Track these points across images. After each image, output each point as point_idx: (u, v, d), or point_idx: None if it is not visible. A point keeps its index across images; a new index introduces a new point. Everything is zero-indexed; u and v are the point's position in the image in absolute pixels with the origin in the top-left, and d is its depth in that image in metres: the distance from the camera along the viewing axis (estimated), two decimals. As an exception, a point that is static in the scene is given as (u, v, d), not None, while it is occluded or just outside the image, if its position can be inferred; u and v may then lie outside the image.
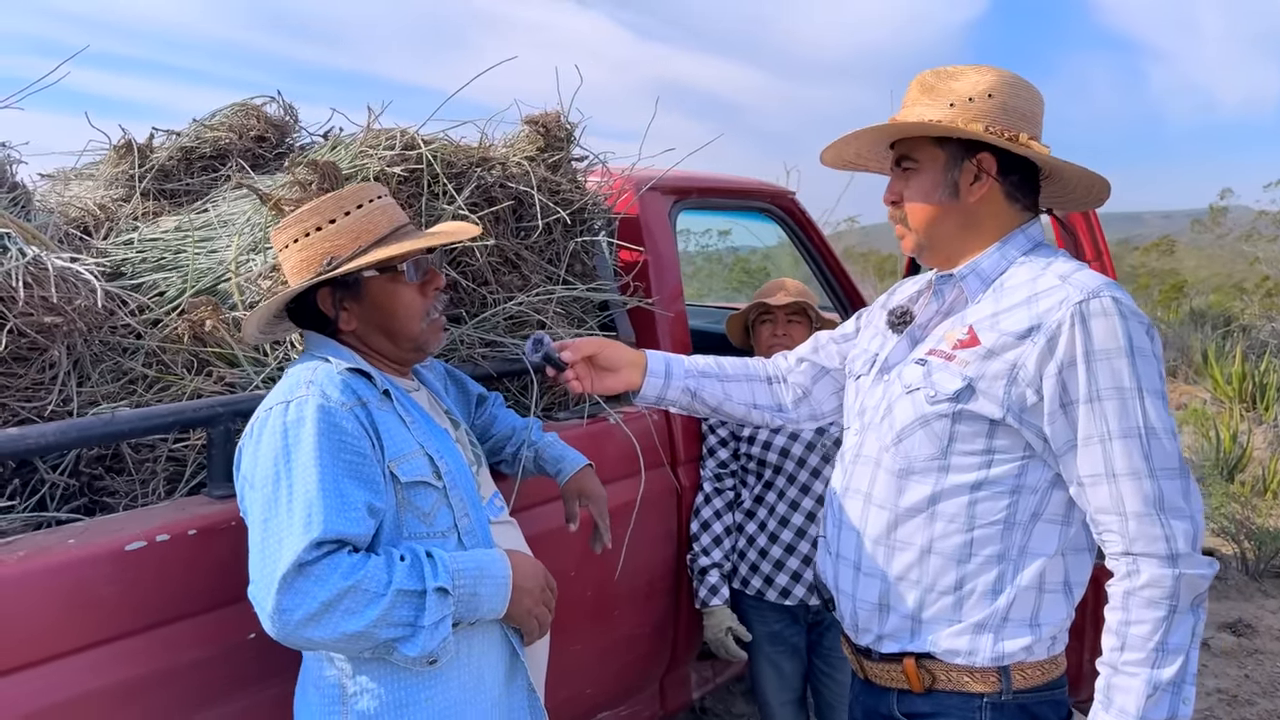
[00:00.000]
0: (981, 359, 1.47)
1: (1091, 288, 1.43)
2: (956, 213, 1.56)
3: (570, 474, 1.95)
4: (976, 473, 1.50)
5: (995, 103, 1.51)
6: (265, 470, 1.39)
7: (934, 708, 1.56)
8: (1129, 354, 1.39)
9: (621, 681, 2.51)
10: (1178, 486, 1.39)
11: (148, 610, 1.53)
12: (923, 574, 1.54)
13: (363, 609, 1.32)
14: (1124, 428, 1.39)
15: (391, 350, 1.62)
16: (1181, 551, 1.38)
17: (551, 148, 2.44)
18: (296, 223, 1.55)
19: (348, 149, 2.14)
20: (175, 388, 1.82)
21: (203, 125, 2.80)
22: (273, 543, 1.35)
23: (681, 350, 2.68)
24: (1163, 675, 1.38)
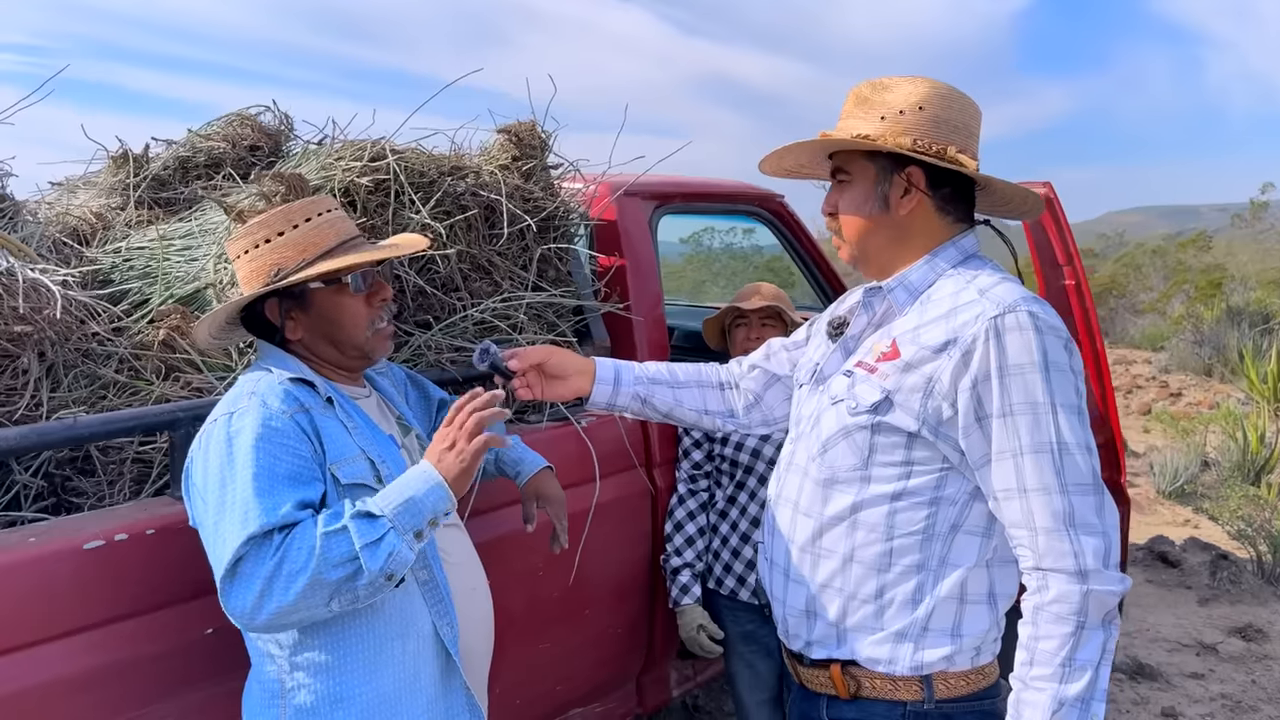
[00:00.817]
0: (900, 372, 1.49)
1: (1008, 302, 1.43)
2: (887, 225, 1.57)
3: (529, 475, 2.00)
4: (896, 484, 1.51)
5: (925, 115, 1.51)
6: (212, 479, 1.46)
7: (860, 714, 1.57)
8: (1042, 369, 1.39)
9: (593, 679, 2.56)
10: (1090, 502, 1.39)
11: (105, 605, 1.60)
12: (845, 582, 1.55)
13: (302, 565, 1.37)
14: (1035, 443, 1.39)
15: (338, 358, 1.68)
16: (1090, 568, 1.37)
17: (525, 156, 2.49)
18: (247, 235, 1.61)
19: (317, 160, 2.21)
20: (144, 393, 1.90)
21: (198, 135, 2.89)
22: (219, 545, 1.42)
23: (659, 356, 2.72)
24: (1069, 691, 1.37)
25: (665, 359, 2.73)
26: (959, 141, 1.52)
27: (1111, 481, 2.52)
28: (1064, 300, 2.49)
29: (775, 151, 1.67)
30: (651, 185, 2.83)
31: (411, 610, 1.57)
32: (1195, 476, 6.78)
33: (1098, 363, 2.49)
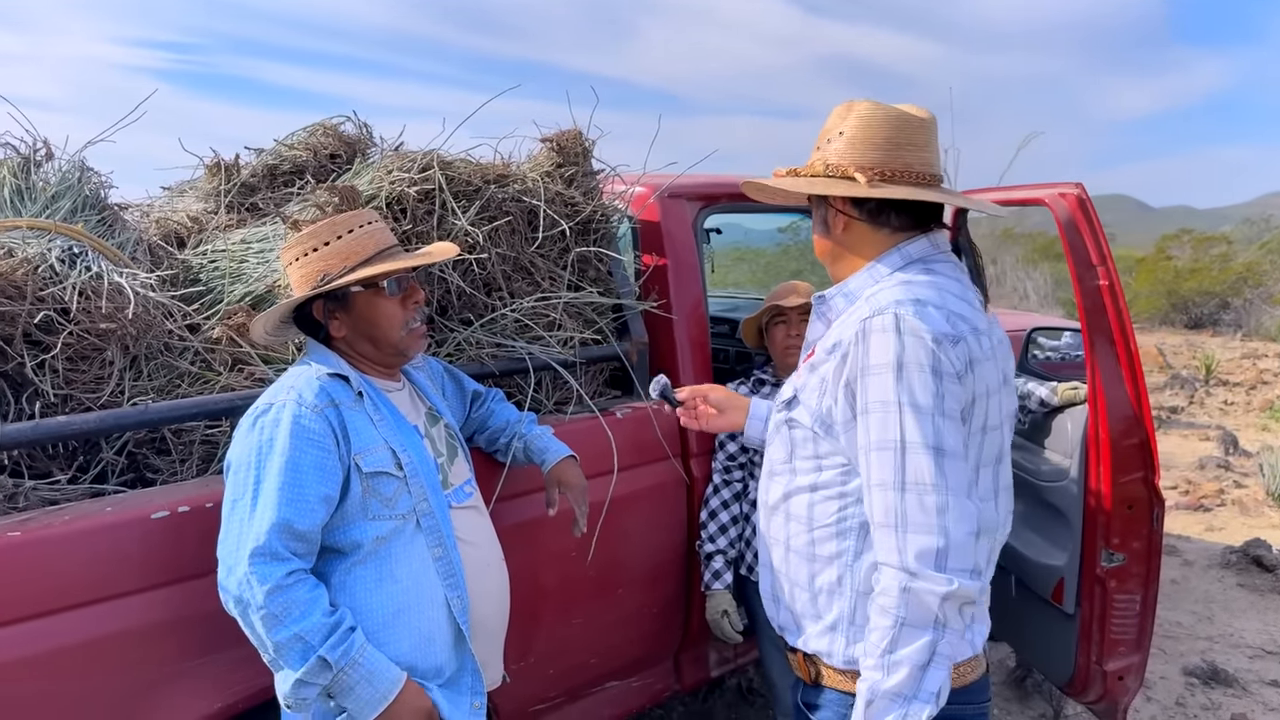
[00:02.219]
0: (808, 372, 1.63)
1: (880, 305, 1.51)
2: (832, 245, 1.70)
3: (552, 464, 2.17)
4: (811, 476, 1.63)
5: (844, 139, 1.61)
6: (243, 460, 1.68)
7: (819, 700, 1.69)
8: (895, 369, 1.45)
9: (628, 655, 2.72)
10: (929, 502, 1.42)
11: (167, 568, 1.85)
12: (787, 568, 1.69)
13: (275, 626, 1.58)
14: (880, 440, 1.46)
15: (375, 354, 1.89)
16: (911, 566, 1.41)
17: (568, 163, 2.65)
18: (299, 244, 1.83)
19: (371, 172, 2.42)
20: (212, 382, 2.15)
21: (283, 145, 3.16)
22: (235, 522, 1.64)
23: (699, 355, 2.84)
24: (885, 684, 1.42)
25: (706, 358, 2.86)
26: (874, 159, 1.59)
27: (1144, 481, 2.53)
28: (1099, 300, 2.50)
29: (747, 185, 1.84)
30: (696, 186, 2.95)
31: (426, 583, 1.77)
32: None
33: (1131, 363, 2.50)
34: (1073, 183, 2.51)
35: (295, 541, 1.64)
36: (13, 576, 1.69)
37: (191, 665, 1.87)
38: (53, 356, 1.94)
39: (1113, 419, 2.48)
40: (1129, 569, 2.56)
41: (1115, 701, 2.66)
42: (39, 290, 1.93)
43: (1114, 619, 2.58)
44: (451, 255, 1.94)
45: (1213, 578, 5.06)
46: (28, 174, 2.37)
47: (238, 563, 1.60)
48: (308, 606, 1.61)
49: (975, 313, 1.57)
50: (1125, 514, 2.53)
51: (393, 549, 1.75)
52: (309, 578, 1.64)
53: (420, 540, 1.78)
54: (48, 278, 1.97)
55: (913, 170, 1.59)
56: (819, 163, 1.63)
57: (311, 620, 1.60)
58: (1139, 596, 2.59)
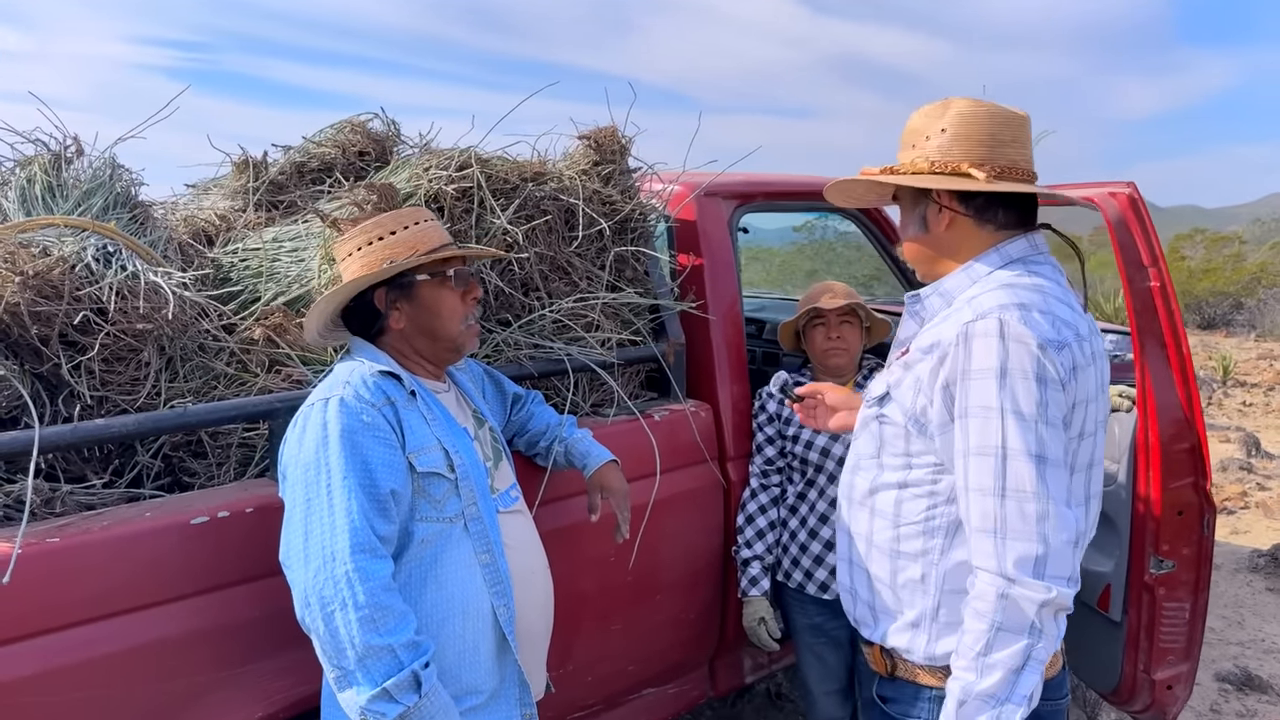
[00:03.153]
0: (903, 369, 1.61)
1: (984, 309, 1.49)
2: (930, 244, 1.67)
3: (595, 468, 2.13)
4: (900, 473, 1.62)
5: (948, 136, 1.59)
6: (307, 457, 1.62)
7: (894, 694, 1.71)
8: (998, 375, 1.44)
9: (665, 661, 2.67)
10: (1029, 510, 1.42)
11: (209, 575, 1.81)
12: (869, 562, 1.69)
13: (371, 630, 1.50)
14: (980, 445, 1.45)
15: (431, 349, 1.84)
16: (1010, 573, 1.41)
17: (605, 160, 2.60)
18: (361, 234, 1.80)
19: (409, 169, 2.38)
20: (249, 384, 2.10)
21: (311, 142, 3.11)
22: (316, 521, 1.57)
23: (735, 355, 2.79)
24: (977, 686, 1.43)
25: (742, 358, 2.81)
26: (979, 155, 1.58)
27: (1195, 487, 2.47)
28: (1150, 302, 2.45)
29: (833, 185, 1.79)
30: (732, 184, 2.90)
31: (472, 590, 1.72)
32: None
33: (1183, 366, 2.45)
34: (1124, 182, 2.46)
35: (382, 541, 1.59)
36: (52, 583, 1.65)
37: (232, 674, 1.83)
38: (89, 358, 1.90)
39: (1163, 423, 2.43)
40: (1178, 576, 2.51)
41: (1164, 711, 2.61)
42: (75, 290, 1.89)
43: (1163, 627, 2.53)
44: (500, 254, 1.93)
45: (1241, 581, 5.00)
46: (59, 171, 2.32)
47: (333, 560, 1.53)
48: (403, 619, 1.55)
49: (1078, 317, 1.55)
50: (1175, 520, 2.48)
51: (439, 553, 1.70)
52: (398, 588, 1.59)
53: (467, 545, 1.73)
54: (84, 277, 1.93)
55: (1018, 167, 1.58)
56: (920, 160, 1.61)
57: (405, 635, 1.54)
58: (1189, 604, 2.54)
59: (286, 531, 1.62)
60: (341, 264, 1.79)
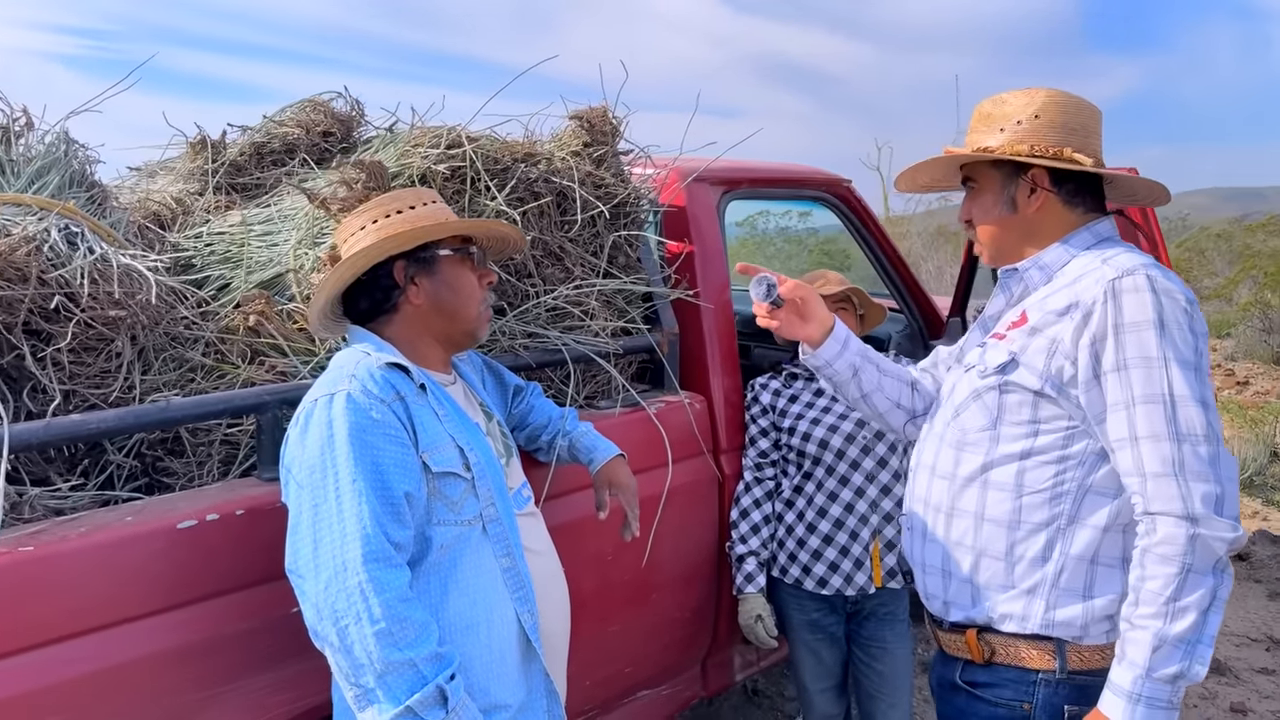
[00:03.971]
0: (1026, 335, 1.62)
1: (1127, 266, 1.53)
2: (1017, 224, 1.71)
3: (601, 463, 2.02)
4: (1024, 442, 1.61)
5: (1042, 122, 1.65)
6: (312, 459, 1.48)
7: (991, 679, 1.67)
8: (1157, 326, 1.47)
9: (661, 662, 2.58)
10: (1202, 452, 1.45)
11: (197, 584, 1.65)
12: (977, 539, 1.66)
13: (390, 645, 1.38)
14: (1147, 394, 1.47)
15: (447, 332, 1.72)
16: (1198, 513, 1.43)
17: (596, 142, 2.49)
18: (378, 207, 1.68)
19: (395, 148, 2.24)
20: (230, 376, 1.94)
21: (272, 121, 2.93)
22: (325, 528, 1.44)
23: (727, 343, 2.72)
24: (1172, 630, 1.43)
25: (734, 348, 2.73)
26: (1075, 142, 1.66)
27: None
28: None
29: (907, 170, 1.82)
30: (720, 170, 2.82)
31: (495, 597, 1.60)
32: (1265, 468, 6.61)
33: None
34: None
35: (397, 548, 1.46)
36: (26, 596, 1.48)
37: (224, 690, 1.68)
38: (56, 349, 1.72)
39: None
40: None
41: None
42: (42, 273, 1.71)
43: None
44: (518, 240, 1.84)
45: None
46: (8, 146, 2.12)
47: (345, 570, 1.40)
48: (424, 631, 1.43)
49: None
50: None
51: (458, 558, 1.58)
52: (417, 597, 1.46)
53: (486, 548, 1.61)
54: (50, 260, 1.75)
55: (1100, 158, 1.65)
56: (1018, 143, 1.65)
57: (427, 648, 1.42)
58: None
59: (294, 539, 1.48)
60: (352, 238, 1.66)
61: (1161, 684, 1.44)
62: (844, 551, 2.50)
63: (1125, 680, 1.46)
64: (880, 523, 2.52)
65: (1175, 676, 1.43)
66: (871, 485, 2.51)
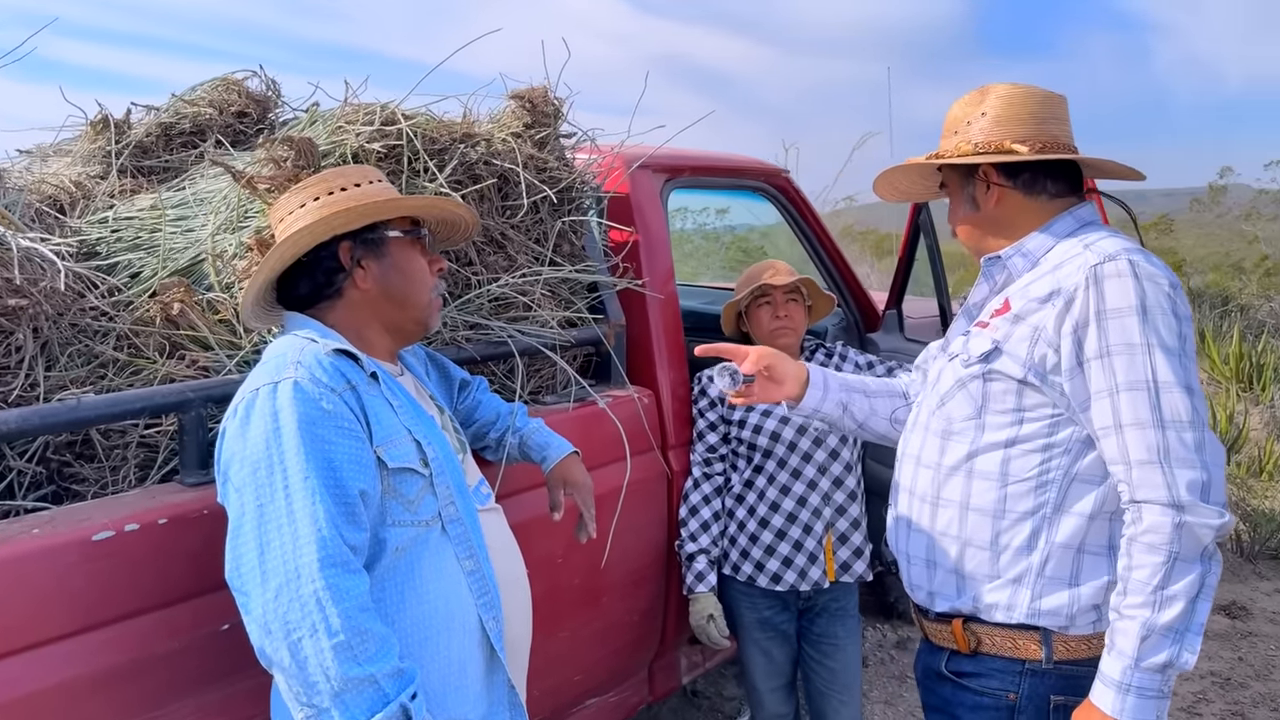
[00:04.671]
0: (1009, 323, 1.58)
1: (1110, 252, 1.50)
2: (982, 221, 1.70)
3: (555, 461, 1.91)
4: (1008, 430, 1.58)
5: (989, 119, 1.65)
6: (256, 454, 1.33)
7: (977, 668, 1.65)
8: (1139, 312, 1.45)
9: (610, 668, 2.48)
10: (1187, 438, 1.42)
11: (116, 601, 1.48)
12: (962, 529, 1.63)
13: (349, 659, 1.25)
14: (1130, 380, 1.45)
15: (397, 320, 1.59)
16: (1184, 500, 1.40)
17: (538, 124, 2.37)
18: (320, 183, 1.54)
19: (325, 124, 2.08)
20: (147, 372, 1.77)
21: (182, 100, 2.73)
22: (273, 531, 1.29)
23: (673, 335, 2.63)
24: (1160, 619, 1.40)
25: (680, 340, 2.65)
26: (1019, 133, 1.62)
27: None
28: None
29: (880, 177, 1.84)
30: (662, 157, 2.73)
31: (457, 602, 1.47)
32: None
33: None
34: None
35: (353, 552, 1.32)
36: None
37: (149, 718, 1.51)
38: (-53, 340, 1.53)
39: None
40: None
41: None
42: (-72, 256, 1.52)
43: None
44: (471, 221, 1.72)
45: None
46: (-118, 117, 1.89)
47: (298, 578, 1.26)
48: (384, 644, 1.29)
49: None
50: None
51: (416, 561, 1.45)
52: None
53: (447, 550, 1.48)
54: (-62, 241, 1.55)
55: (1060, 142, 1.62)
56: (964, 144, 1.66)
57: (389, 663, 1.28)
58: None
59: (235, 545, 1.33)
60: (290, 216, 1.51)
61: (1151, 673, 1.41)
62: (797, 546, 2.43)
63: (1115, 670, 1.44)
64: (833, 515, 2.46)
65: (1164, 665, 1.41)
66: (824, 477, 2.45)
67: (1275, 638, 4.25)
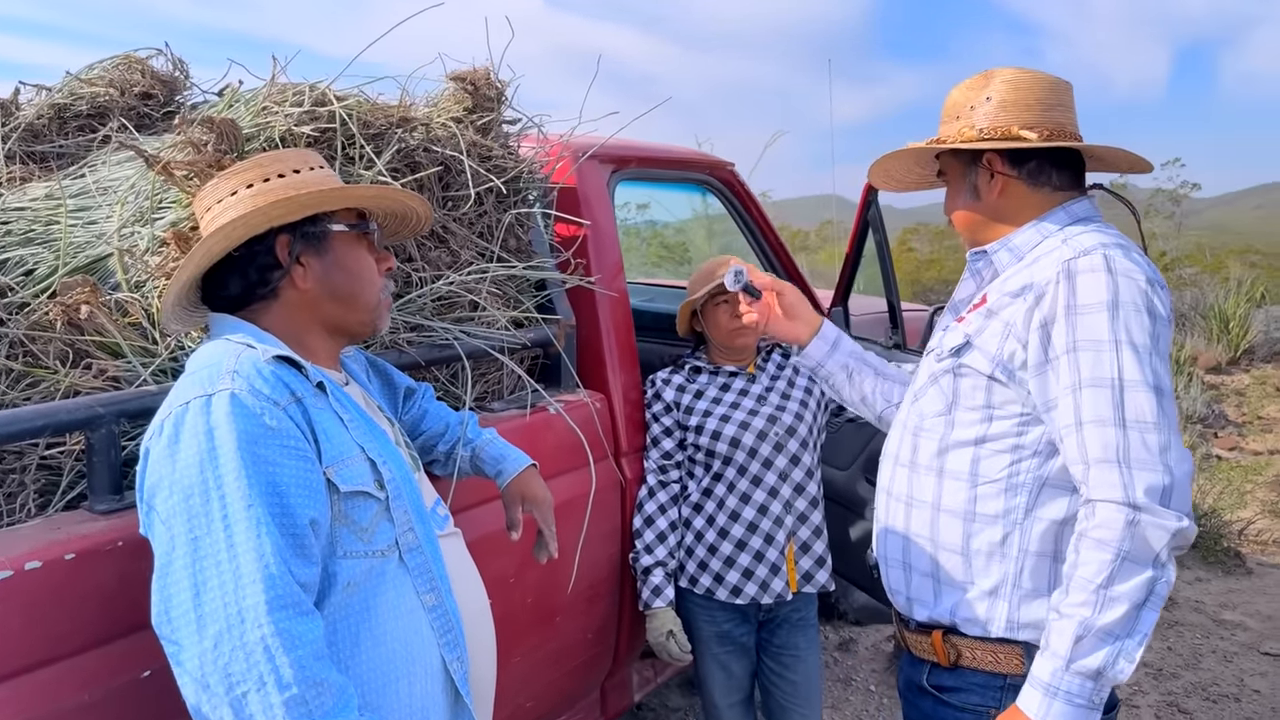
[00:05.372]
0: (983, 318, 1.54)
1: (1086, 246, 1.45)
2: (983, 210, 1.63)
3: (512, 476, 1.75)
4: (978, 428, 1.53)
5: (994, 104, 1.58)
6: (188, 479, 1.14)
7: (958, 683, 1.58)
8: (1110, 307, 1.39)
9: (562, 691, 2.33)
10: (1150, 440, 1.35)
11: (17, 651, 1.27)
12: (935, 531, 1.58)
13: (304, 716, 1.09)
14: (1094, 377, 1.38)
15: (341, 321, 1.41)
16: (1139, 501, 1.33)
17: (480, 108, 2.20)
18: (254, 168, 1.35)
19: (248, 106, 1.87)
20: (47, 384, 1.55)
21: (79, 80, 2.47)
22: (211, 568, 1.12)
23: (624, 332, 2.49)
24: (1098, 620, 1.32)
25: (632, 340, 2.51)
26: (1028, 119, 1.56)
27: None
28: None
29: (876, 164, 1.76)
30: (610, 149, 2.58)
31: (418, 643, 1.30)
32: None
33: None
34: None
35: (304, 590, 1.15)
36: None
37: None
38: None
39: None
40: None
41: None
42: None
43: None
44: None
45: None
46: None
47: (241, 622, 1.08)
48: (342, 697, 1.12)
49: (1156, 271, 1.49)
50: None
51: (371, 597, 1.27)
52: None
53: (405, 583, 1.31)
54: None
55: (1066, 130, 1.56)
56: (967, 129, 1.58)
57: (348, 718, 1.12)
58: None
59: (163, 586, 1.14)
60: (219, 205, 1.32)
61: (1083, 679, 1.33)
62: (759, 557, 2.32)
63: (1044, 672, 1.36)
64: (795, 524, 2.35)
65: (1097, 672, 1.32)
66: (785, 484, 2.34)
67: (1200, 626, 4.34)
